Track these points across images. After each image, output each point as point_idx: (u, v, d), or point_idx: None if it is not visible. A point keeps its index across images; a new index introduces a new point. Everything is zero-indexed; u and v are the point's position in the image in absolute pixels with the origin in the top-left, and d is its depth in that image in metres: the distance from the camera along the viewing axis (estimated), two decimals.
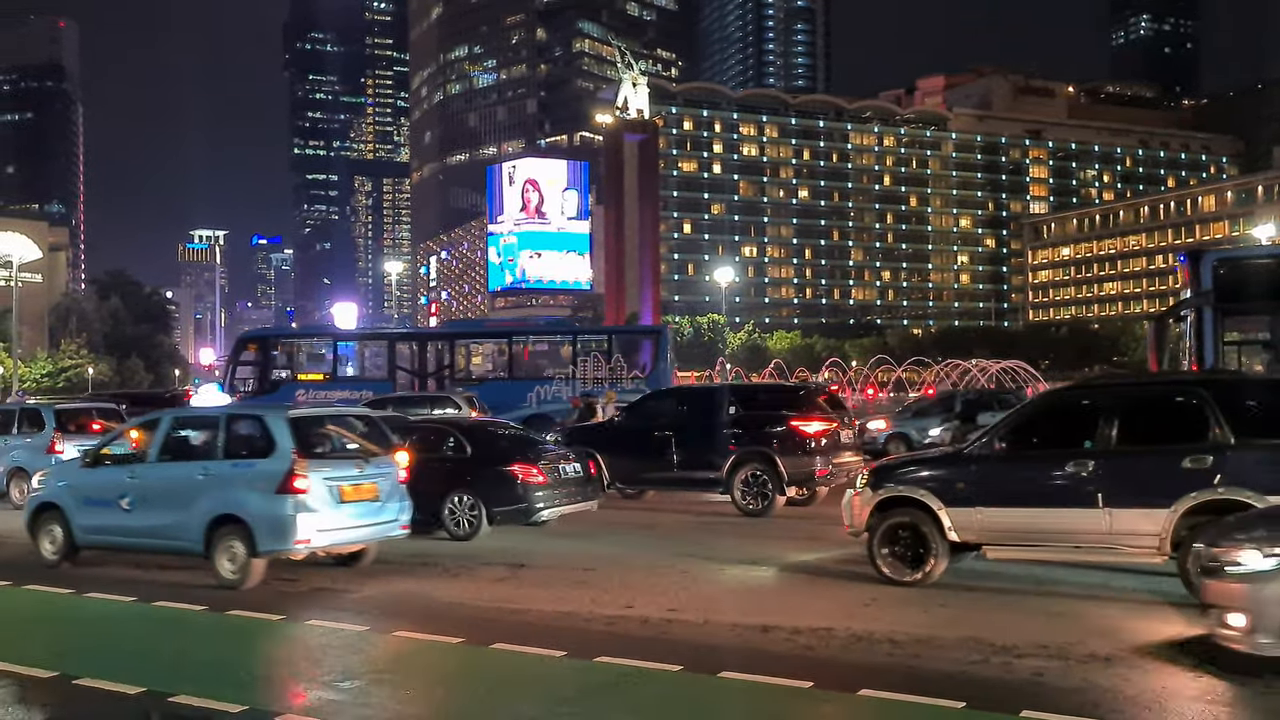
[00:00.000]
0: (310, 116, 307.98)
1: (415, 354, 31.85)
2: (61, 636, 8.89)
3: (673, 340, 30.73)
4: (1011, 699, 6.39)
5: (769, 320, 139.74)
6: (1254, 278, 13.94)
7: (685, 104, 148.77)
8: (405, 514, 11.40)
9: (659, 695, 6.86)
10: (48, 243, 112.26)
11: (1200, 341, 13.16)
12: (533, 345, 33.42)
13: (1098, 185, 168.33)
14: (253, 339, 34.42)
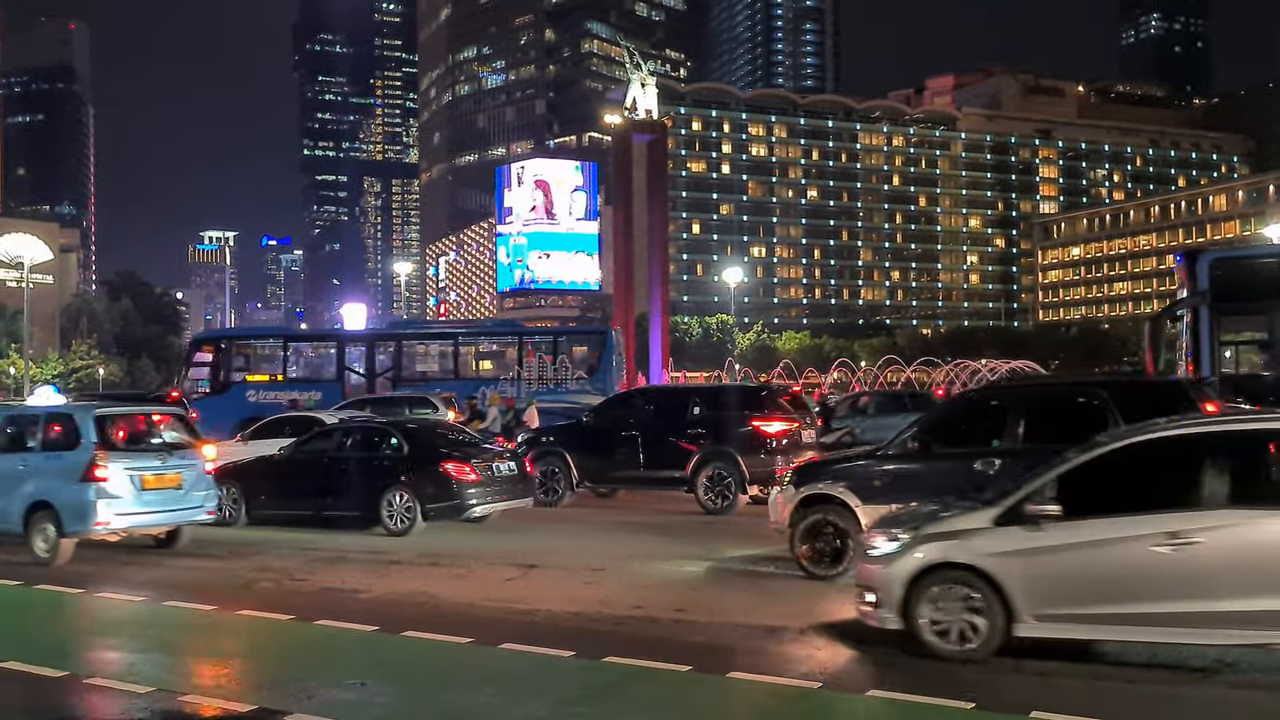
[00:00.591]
0: (319, 118, 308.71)
1: (364, 355, 31.89)
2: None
3: (619, 341, 30.79)
4: (1020, 699, 6.39)
5: (778, 320, 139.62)
6: (1251, 277, 13.92)
7: (694, 104, 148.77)
8: (210, 501, 12.89)
9: (667, 694, 6.86)
10: (59, 244, 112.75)
11: (1196, 341, 13.16)
12: (479, 346, 33.37)
13: (1108, 185, 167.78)
14: (205, 341, 34.65)
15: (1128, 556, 6.84)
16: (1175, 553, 6.69)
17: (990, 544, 7.20)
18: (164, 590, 10.27)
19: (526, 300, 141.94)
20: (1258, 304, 13.55)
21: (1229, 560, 6.64)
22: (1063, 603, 7.02)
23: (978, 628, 7.14)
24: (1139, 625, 6.91)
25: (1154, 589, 6.76)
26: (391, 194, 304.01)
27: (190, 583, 10.78)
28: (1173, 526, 6.73)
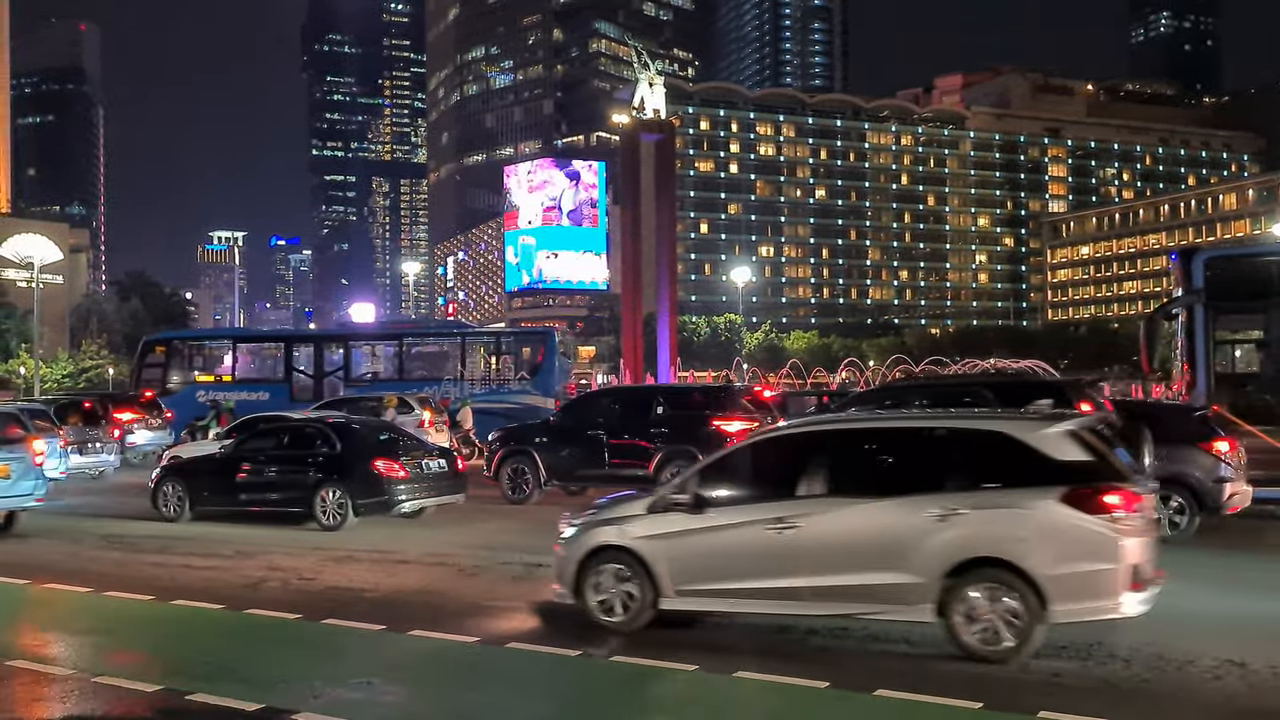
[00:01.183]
0: (328, 118, 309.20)
1: (311, 355, 32.23)
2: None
3: (561, 344, 30.98)
4: (1029, 699, 6.37)
5: (786, 320, 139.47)
6: (1246, 276, 13.99)
7: (702, 104, 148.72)
8: (40, 490, 14.42)
9: (674, 694, 6.86)
10: (68, 244, 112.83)
11: (1191, 340, 13.26)
12: (424, 347, 33.69)
13: (1117, 184, 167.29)
14: (158, 342, 35.01)
15: (744, 540, 7.85)
16: (781, 536, 7.69)
17: (640, 529, 8.26)
18: (170, 590, 10.29)
19: (534, 300, 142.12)
20: (1253, 302, 13.66)
21: (823, 542, 7.62)
22: (695, 580, 8.04)
23: (631, 603, 8.15)
24: (754, 599, 7.93)
25: (764, 568, 7.77)
26: (400, 194, 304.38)
27: (197, 582, 10.79)
28: (779, 513, 7.73)
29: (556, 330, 34.91)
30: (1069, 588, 7.09)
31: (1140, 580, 7.16)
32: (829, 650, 7.68)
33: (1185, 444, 12.30)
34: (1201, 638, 7.78)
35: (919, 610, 7.40)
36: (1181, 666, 7.07)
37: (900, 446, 8.17)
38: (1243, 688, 6.68)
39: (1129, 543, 7.09)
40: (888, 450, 8.18)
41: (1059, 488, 7.20)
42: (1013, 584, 7.16)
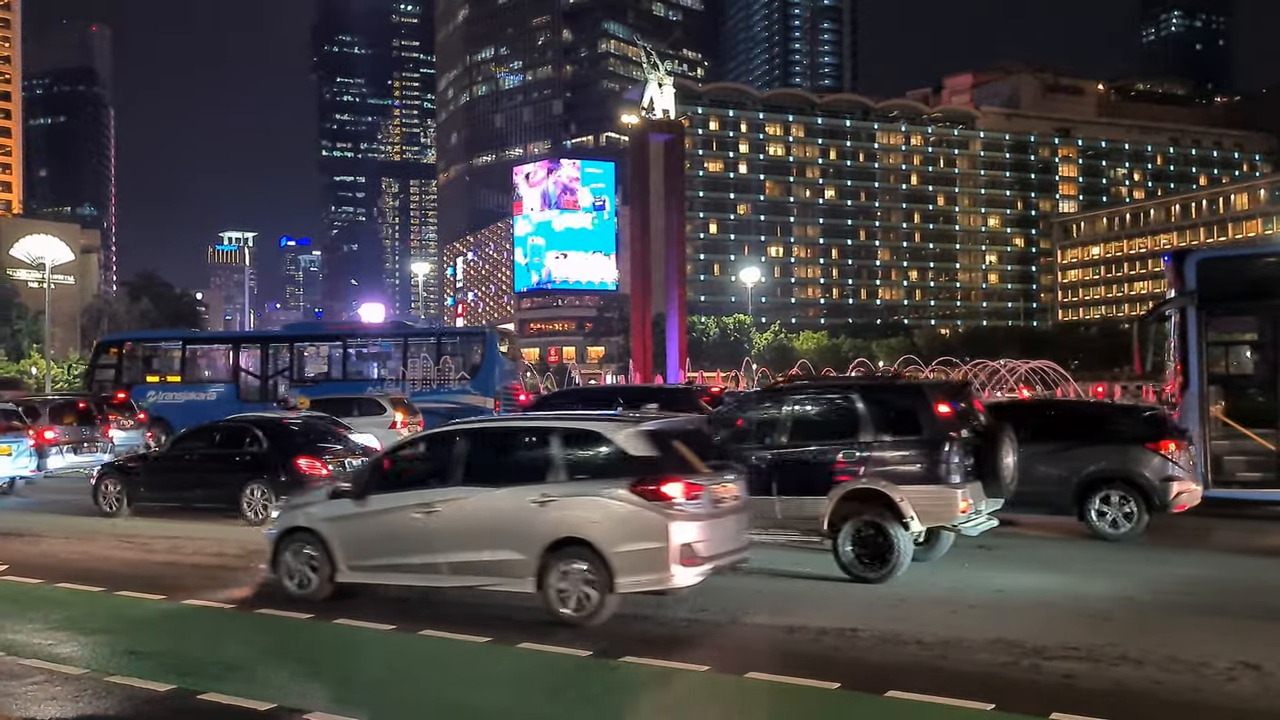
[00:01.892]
0: (338, 119, 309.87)
1: (259, 357, 32.65)
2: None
3: (503, 343, 31.49)
4: (1041, 701, 6.34)
5: (795, 320, 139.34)
6: (1238, 278, 14.00)
7: (711, 104, 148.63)
8: None
9: (687, 695, 6.85)
10: (80, 245, 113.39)
11: (1184, 342, 13.28)
12: (369, 348, 34.10)
13: (1128, 184, 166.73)
14: (112, 343, 35.50)
15: (396, 523, 9.26)
16: (424, 519, 9.09)
17: (322, 513, 9.72)
18: (181, 589, 10.31)
19: (544, 300, 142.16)
20: (1245, 304, 13.70)
21: (455, 524, 8.98)
22: (362, 557, 9.44)
23: (315, 576, 9.60)
24: (406, 573, 9.29)
25: (412, 546, 9.17)
26: (409, 194, 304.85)
27: (208, 580, 10.82)
28: (424, 500, 9.16)
29: (496, 330, 35.15)
30: (630, 563, 8.34)
31: (693, 557, 8.35)
32: (840, 650, 7.66)
33: (1133, 444, 12.86)
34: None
35: (525, 582, 8.68)
36: (1195, 668, 7.04)
37: (520, 443, 9.63)
38: (1257, 690, 6.65)
39: (680, 525, 8.31)
40: (511, 446, 9.61)
41: (630, 479, 8.48)
42: (590, 559, 8.45)
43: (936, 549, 11.22)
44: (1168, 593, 9.74)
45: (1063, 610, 8.89)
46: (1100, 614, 8.69)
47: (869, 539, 10.33)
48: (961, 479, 10.23)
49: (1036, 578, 10.49)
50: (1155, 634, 7.73)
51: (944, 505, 10.17)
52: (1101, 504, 12.69)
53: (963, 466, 10.28)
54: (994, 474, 10.53)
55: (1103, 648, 7.49)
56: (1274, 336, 13.35)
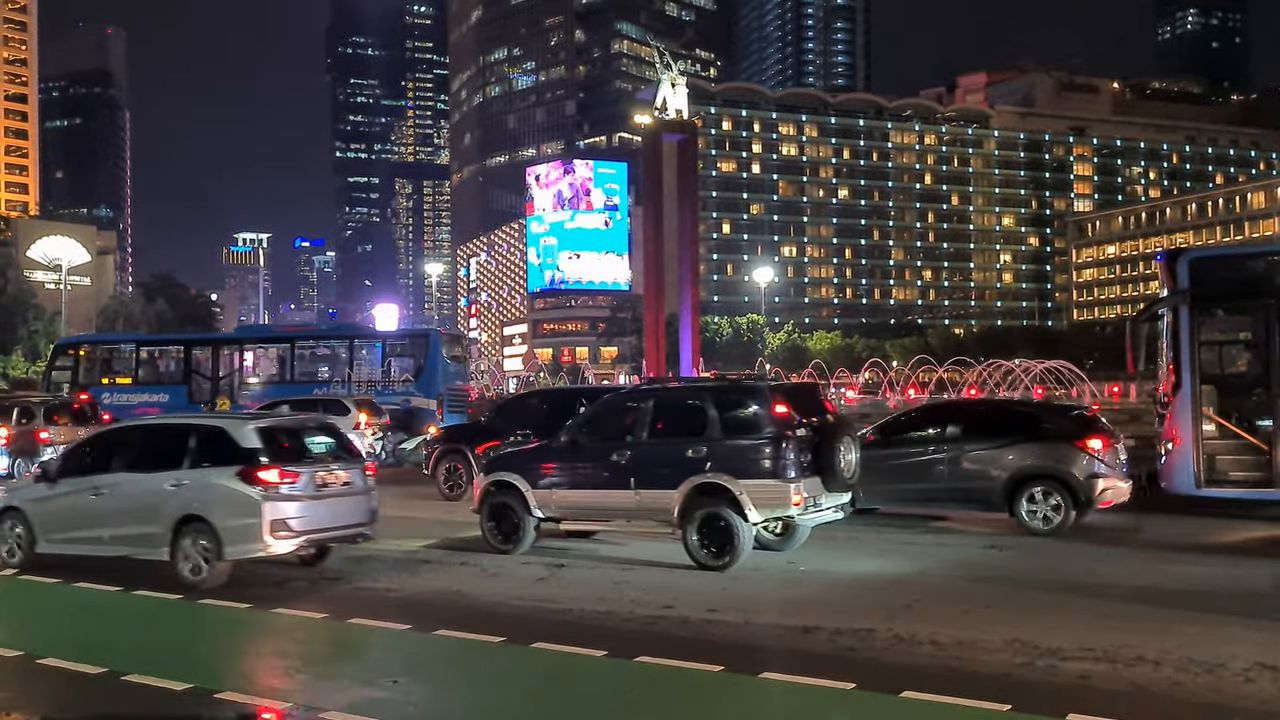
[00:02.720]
0: (352, 120, 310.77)
1: (210, 359, 33.13)
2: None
3: (448, 345, 31.90)
4: (1057, 701, 6.32)
5: (809, 320, 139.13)
6: (1231, 277, 13.98)
7: (724, 104, 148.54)
8: None
9: (701, 695, 6.84)
10: (96, 246, 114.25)
11: (1176, 342, 13.27)
12: (316, 349, 34.46)
13: (1144, 182, 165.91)
14: (69, 345, 35.90)
15: (76, 503, 11.32)
16: (96, 499, 11.15)
17: (27, 494, 11.93)
18: (199, 589, 10.36)
19: (557, 300, 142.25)
20: (1238, 304, 13.69)
21: (116, 504, 11.01)
22: (54, 531, 11.45)
23: (20, 549, 11.62)
24: (84, 544, 11.24)
25: (89, 522, 11.19)
26: (423, 195, 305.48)
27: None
28: (97, 484, 11.22)
29: (440, 332, 35.52)
30: (235, 535, 10.36)
31: (287, 531, 10.40)
32: (855, 650, 7.65)
33: (1062, 442, 13.56)
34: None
35: (162, 551, 10.64)
36: (1212, 669, 7.00)
37: (165, 438, 11.55)
38: (1275, 691, 6.60)
39: (274, 504, 10.35)
40: (159, 441, 11.63)
41: (238, 466, 10.48)
42: (207, 533, 10.42)
43: (794, 539, 12.00)
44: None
45: (1080, 610, 8.86)
46: (1116, 615, 8.66)
47: (714, 529, 11.09)
48: (797, 474, 11.03)
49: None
50: (1172, 638, 7.67)
51: (780, 497, 10.95)
52: (1029, 501, 13.21)
53: (799, 462, 11.09)
54: (831, 469, 11.34)
55: (1119, 648, 7.45)
56: (1267, 336, 13.17)
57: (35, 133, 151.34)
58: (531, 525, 12.24)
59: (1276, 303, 12.88)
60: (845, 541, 12.64)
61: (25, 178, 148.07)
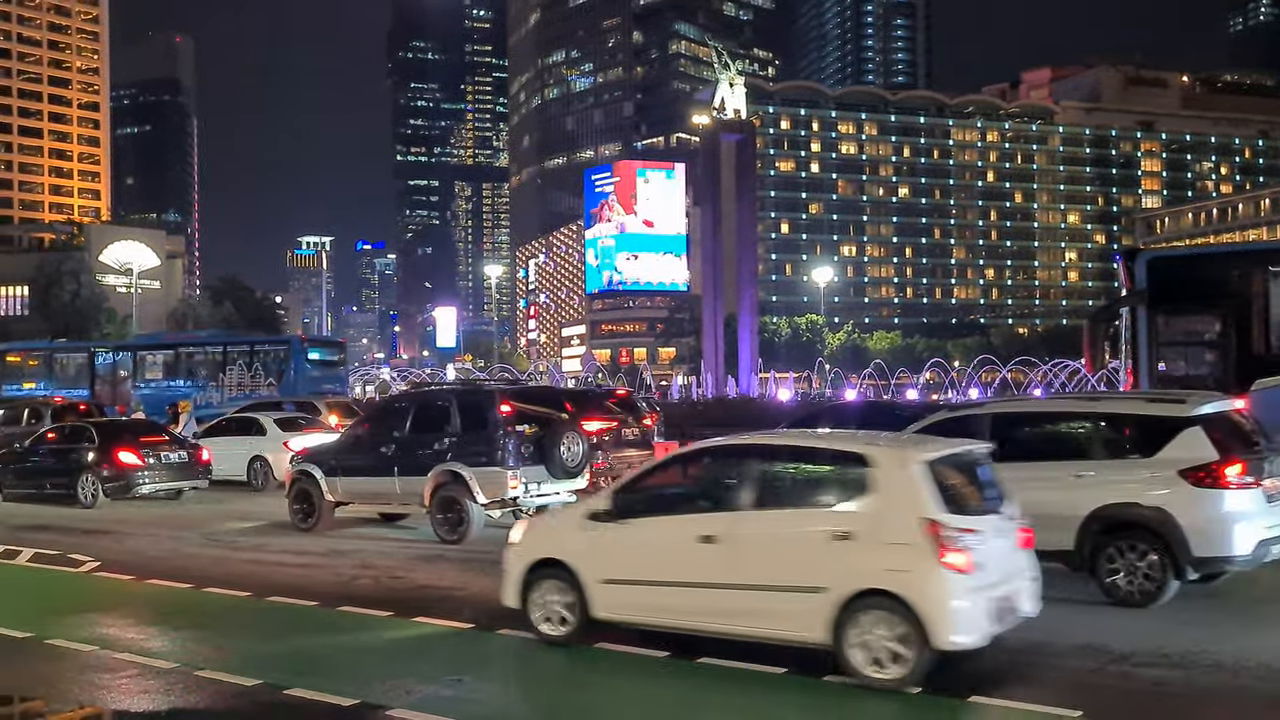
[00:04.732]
0: (412, 124, 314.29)
1: (110, 364, 36.06)
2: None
3: (303, 349, 34.63)
4: (1132, 708, 6.19)
5: (869, 320, 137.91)
6: (1188, 277, 14.06)
7: (783, 103, 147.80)
8: None
9: (762, 697, 6.80)
10: (165, 251, 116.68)
11: (1135, 340, 13.40)
12: (198, 355, 36.83)
13: (1214, 178, 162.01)
14: (4, 351, 39.13)
15: None
16: None
17: None
18: (267, 586, 10.54)
19: (615, 301, 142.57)
20: (1195, 303, 13.75)
21: None
22: None
23: None
24: None
25: None
26: (482, 198, 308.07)
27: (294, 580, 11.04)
28: None
29: (301, 338, 38.18)
30: None
31: None
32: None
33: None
34: None
35: None
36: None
37: None
38: None
39: None
40: None
41: None
42: None
43: None
44: None
45: (1155, 615, 8.67)
46: (1195, 621, 8.46)
47: (452, 510, 13.20)
48: (516, 463, 13.06)
49: None
50: (1247, 642, 7.46)
51: (499, 483, 13.03)
52: None
53: (519, 453, 13.13)
54: (552, 459, 13.34)
55: (1196, 654, 7.26)
56: (1223, 335, 13.32)
57: (107, 140, 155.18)
58: (327, 508, 14.47)
59: (1233, 302, 13.00)
60: None
61: (98, 184, 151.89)
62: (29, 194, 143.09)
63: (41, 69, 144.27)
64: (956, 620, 6.57)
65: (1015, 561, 7.29)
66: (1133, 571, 8.86)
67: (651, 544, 7.57)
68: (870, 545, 6.80)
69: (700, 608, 7.30)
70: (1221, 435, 8.97)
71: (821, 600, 6.79)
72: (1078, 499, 9.02)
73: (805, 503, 7.43)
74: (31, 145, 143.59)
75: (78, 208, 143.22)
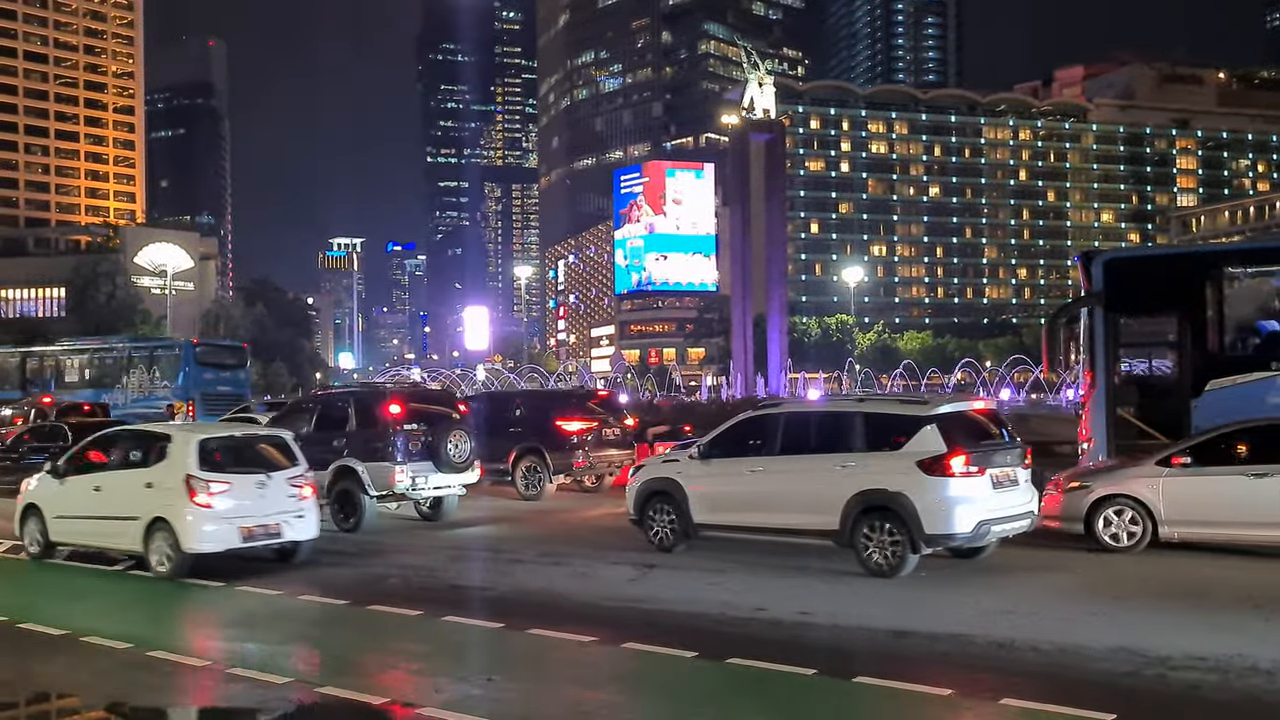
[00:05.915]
0: (442, 125, 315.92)
1: (18, 366, 38.30)
2: None
3: (193, 353, 35.94)
4: (1167, 712, 6.12)
5: (899, 320, 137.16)
6: (1144, 279, 14.13)
7: (812, 103, 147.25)
8: None
9: (793, 698, 6.79)
10: (199, 252, 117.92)
11: (1093, 342, 13.40)
12: (107, 358, 38.34)
13: (1251, 175, 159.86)
14: None
15: None
16: None
17: None
18: (299, 585, 10.62)
19: (644, 302, 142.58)
20: (1151, 305, 13.81)
21: None
22: None
23: None
24: None
25: None
26: (512, 198, 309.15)
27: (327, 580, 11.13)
28: None
29: (192, 342, 38.64)
30: None
31: None
32: (951, 656, 7.50)
33: None
34: None
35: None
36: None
37: None
38: None
39: None
40: None
41: None
42: None
43: (442, 512, 15.49)
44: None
45: (1191, 618, 8.58)
46: (1230, 625, 8.36)
47: (347, 501, 14.52)
48: (404, 459, 14.41)
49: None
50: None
51: (386, 477, 14.36)
52: None
53: (406, 450, 14.48)
54: (439, 456, 14.69)
55: (1231, 658, 7.18)
56: (1179, 337, 13.34)
57: (142, 143, 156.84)
58: None
59: (1188, 304, 13.04)
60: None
61: (133, 187, 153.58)
62: (65, 197, 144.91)
63: (78, 74, 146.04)
64: (200, 537, 10.94)
65: (280, 504, 11.38)
66: (881, 546, 10.40)
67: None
68: (161, 490, 11.15)
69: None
70: (952, 432, 10.42)
71: (137, 525, 11.16)
72: (842, 486, 10.57)
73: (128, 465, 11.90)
74: (68, 149, 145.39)
75: (113, 210, 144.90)
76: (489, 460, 18.45)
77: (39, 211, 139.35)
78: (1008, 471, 10.70)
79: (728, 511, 11.64)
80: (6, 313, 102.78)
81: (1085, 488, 11.77)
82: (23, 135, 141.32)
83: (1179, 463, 11.35)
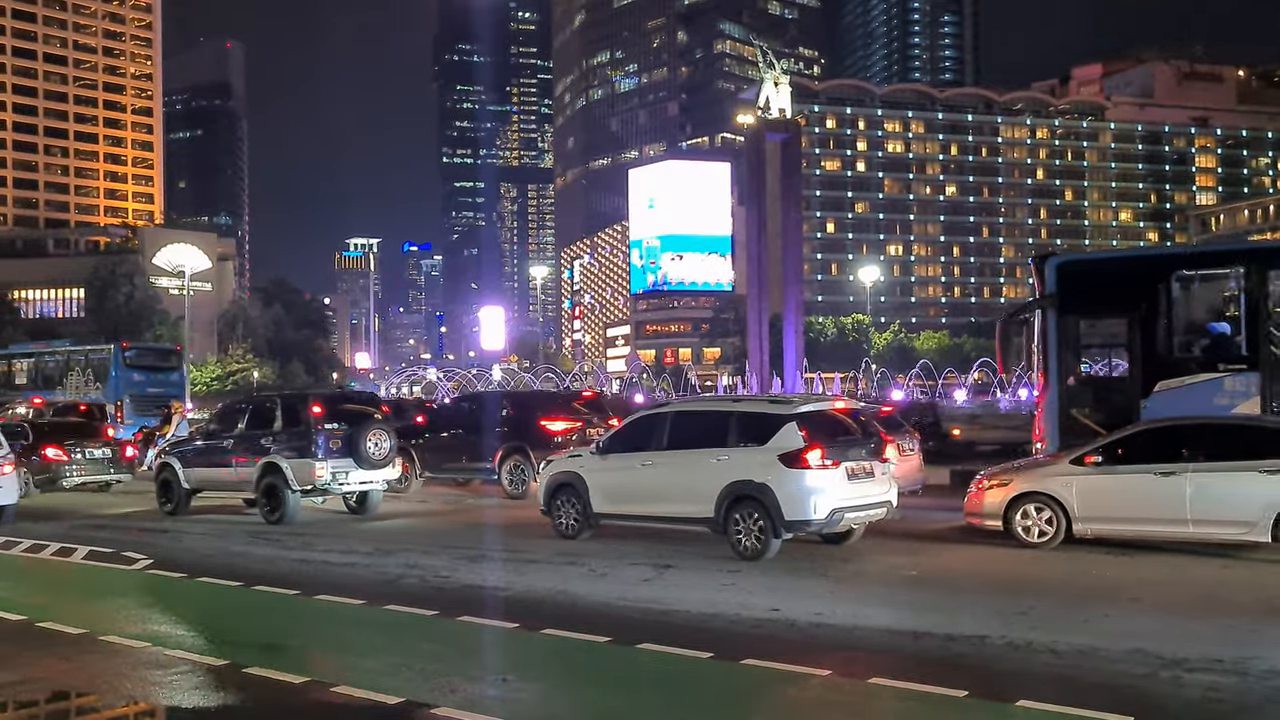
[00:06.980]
0: (458, 126, 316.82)
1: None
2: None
3: (123, 356, 37.52)
4: (1186, 716, 6.08)
5: (915, 320, 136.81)
6: (1097, 281, 14.33)
7: (828, 102, 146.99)
8: None
9: (807, 699, 6.77)
10: (216, 253, 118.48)
11: (1045, 344, 13.59)
12: (51, 361, 40.13)
13: (1271, 174, 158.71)
14: None
15: None
16: None
17: None
18: (314, 583, 10.65)
19: (660, 302, 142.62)
20: (1102, 307, 13.96)
21: None
22: None
23: None
24: None
25: None
26: (527, 199, 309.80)
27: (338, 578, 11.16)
28: None
29: (122, 345, 40.04)
30: None
31: None
32: (967, 657, 7.47)
33: None
34: None
35: None
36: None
37: None
38: None
39: None
40: None
41: None
42: None
43: (368, 507, 16.56)
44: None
45: (1207, 620, 8.53)
46: (1246, 627, 8.29)
47: (273, 495, 15.54)
48: (325, 455, 15.43)
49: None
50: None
51: (308, 472, 15.43)
52: None
53: (327, 447, 15.50)
54: (358, 453, 15.69)
55: (1249, 660, 7.12)
56: (1130, 339, 13.49)
57: (160, 144, 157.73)
58: (185, 494, 17.03)
59: (1139, 306, 13.20)
60: (959, 547, 12.37)
61: (151, 188, 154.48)
62: (84, 198, 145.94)
63: (97, 75, 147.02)
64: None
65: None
66: (749, 532, 11.40)
67: None
68: None
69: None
70: (810, 429, 11.45)
71: None
72: (717, 478, 11.59)
73: None
74: (87, 150, 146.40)
75: (132, 211, 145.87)
76: (478, 459, 19.36)
77: (58, 213, 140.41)
78: (863, 465, 11.74)
79: (622, 502, 12.76)
80: (26, 313, 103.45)
81: (1004, 485, 12.24)
82: (42, 137, 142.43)
83: (1091, 461, 11.72)
